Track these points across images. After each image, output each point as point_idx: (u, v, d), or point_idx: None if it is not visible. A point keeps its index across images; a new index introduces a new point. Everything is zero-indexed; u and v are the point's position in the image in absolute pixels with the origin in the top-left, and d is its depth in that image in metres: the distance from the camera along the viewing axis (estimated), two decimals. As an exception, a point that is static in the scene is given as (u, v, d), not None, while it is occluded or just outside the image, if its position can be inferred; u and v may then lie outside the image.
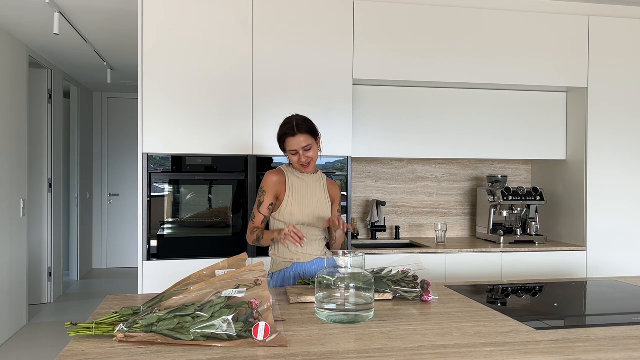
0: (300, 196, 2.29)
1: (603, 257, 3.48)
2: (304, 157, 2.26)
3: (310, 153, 2.26)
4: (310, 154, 2.26)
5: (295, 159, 2.27)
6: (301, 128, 2.23)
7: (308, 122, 2.27)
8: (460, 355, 1.35)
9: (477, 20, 3.36)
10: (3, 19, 3.83)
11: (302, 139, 2.23)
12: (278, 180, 2.29)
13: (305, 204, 2.28)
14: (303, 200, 2.29)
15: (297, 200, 2.28)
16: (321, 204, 2.32)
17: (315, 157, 2.31)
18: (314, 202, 2.31)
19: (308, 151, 2.25)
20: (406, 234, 3.85)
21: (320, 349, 1.38)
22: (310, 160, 2.28)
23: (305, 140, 2.23)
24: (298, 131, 2.22)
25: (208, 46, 3.01)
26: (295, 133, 2.22)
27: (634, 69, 3.53)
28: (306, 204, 2.29)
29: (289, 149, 2.25)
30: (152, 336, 1.41)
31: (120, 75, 5.83)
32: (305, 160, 2.26)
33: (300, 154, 2.25)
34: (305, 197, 2.30)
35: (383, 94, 3.43)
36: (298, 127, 2.23)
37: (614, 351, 1.40)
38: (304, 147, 2.24)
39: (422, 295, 1.91)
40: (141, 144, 2.95)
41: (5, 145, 4.12)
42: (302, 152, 2.25)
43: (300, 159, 2.26)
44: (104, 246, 7.09)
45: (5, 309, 4.11)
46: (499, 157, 3.60)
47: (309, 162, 2.28)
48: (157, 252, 2.96)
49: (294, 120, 2.25)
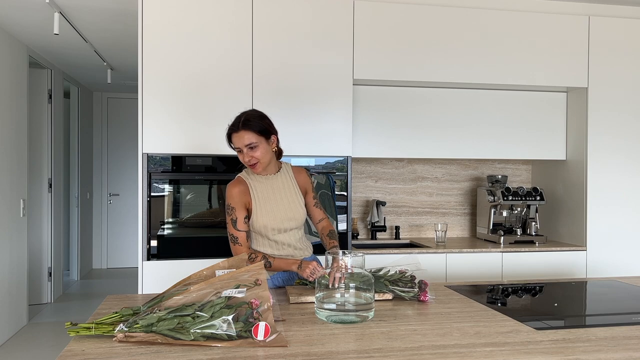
0: (269, 204, 2.13)
1: (603, 257, 3.48)
2: (247, 157, 2.06)
3: (257, 153, 2.06)
4: (257, 154, 2.06)
5: (240, 157, 2.10)
6: (247, 124, 2.04)
7: (258, 119, 2.07)
8: (460, 355, 1.35)
9: (477, 20, 3.36)
10: (3, 19, 3.83)
11: (246, 137, 2.03)
12: (241, 190, 2.11)
13: (277, 210, 2.13)
14: (273, 208, 2.13)
15: (266, 210, 2.12)
16: (293, 203, 2.17)
17: (264, 158, 2.09)
18: (285, 204, 2.15)
19: (253, 150, 2.05)
20: (406, 234, 3.85)
21: (320, 349, 1.39)
22: (257, 161, 2.07)
23: (249, 138, 2.03)
24: (242, 127, 2.04)
25: (208, 46, 3.01)
26: (239, 129, 2.04)
27: (634, 69, 3.53)
28: (277, 210, 2.13)
29: (233, 146, 2.09)
30: (152, 336, 1.41)
31: (120, 75, 5.83)
32: (248, 160, 2.07)
33: (244, 152, 2.06)
34: (274, 203, 2.14)
35: (383, 94, 3.43)
36: (244, 123, 2.04)
37: (614, 351, 1.40)
38: (248, 144, 2.04)
39: (420, 295, 1.91)
40: (141, 144, 2.95)
41: (5, 145, 4.12)
42: (245, 151, 2.06)
43: (244, 158, 2.08)
44: (104, 246, 7.09)
45: (5, 309, 4.11)
46: (499, 157, 3.60)
47: (255, 163, 2.08)
48: (157, 252, 2.96)
49: (243, 116, 2.07)
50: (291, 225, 2.17)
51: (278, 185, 2.18)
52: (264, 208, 2.12)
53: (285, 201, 2.16)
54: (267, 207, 2.12)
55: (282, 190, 2.18)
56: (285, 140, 3.10)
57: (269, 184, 2.16)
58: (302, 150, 3.12)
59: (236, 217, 2.10)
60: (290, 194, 2.19)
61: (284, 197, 2.17)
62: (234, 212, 2.10)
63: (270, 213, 2.12)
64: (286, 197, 2.17)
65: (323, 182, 3.11)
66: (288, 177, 2.22)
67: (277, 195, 2.16)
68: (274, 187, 2.17)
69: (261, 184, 2.15)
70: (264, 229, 2.13)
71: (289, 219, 2.15)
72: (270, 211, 2.12)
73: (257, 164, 2.08)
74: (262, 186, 2.15)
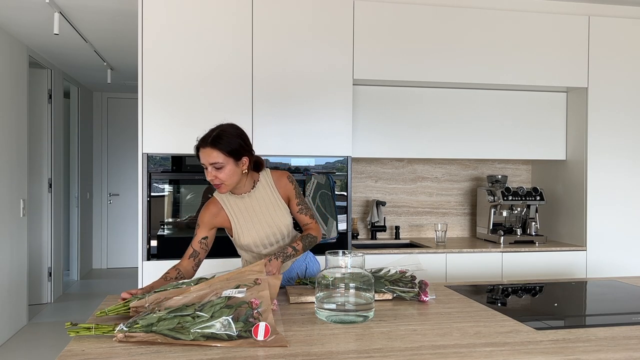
0: (249, 223, 2.02)
1: (603, 257, 3.48)
2: (211, 175, 1.89)
3: (221, 174, 1.88)
4: (221, 175, 1.88)
5: (205, 174, 1.91)
6: (216, 142, 1.86)
7: (231, 137, 1.89)
8: (460, 355, 1.35)
9: (477, 20, 3.36)
10: (3, 19, 3.83)
11: (212, 155, 1.86)
12: (212, 213, 2.01)
13: (259, 228, 2.03)
14: (254, 226, 2.02)
15: (247, 229, 2.02)
16: (275, 217, 2.05)
17: (230, 180, 1.91)
18: (267, 220, 2.04)
19: (218, 171, 1.88)
20: (406, 234, 3.85)
21: (320, 349, 1.38)
22: (221, 182, 1.90)
23: (215, 157, 1.86)
24: (211, 144, 1.86)
25: (208, 46, 3.01)
26: (206, 145, 1.87)
27: (634, 69, 3.53)
28: (260, 228, 2.03)
29: (201, 161, 1.91)
30: (152, 336, 1.41)
31: (120, 75, 5.83)
32: (211, 179, 1.89)
33: (208, 170, 1.89)
34: (255, 221, 2.03)
35: (383, 94, 3.43)
36: (214, 140, 1.86)
37: (614, 351, 1.40)
38: (212, 163, 1.87)
39: (420, 295, 1.91)
40: (141, 144, 2.95)
41: (5, 145, 4.12)
42: (210, 169, 1.88)
43: (208, 176, 1.89)
44: (104, 246, 7.09)
45: (5, 309, 4.11)
46: (499, 157, 3.60)
47: (219, 184, 1.91)
48: (157, 252, 2.96)
49: (215, 130, 1.90)
50: (277, 238, 2.08)
51: (256, 202, 2.04)
52: (245, 228, 2.03)
53: (267, 216, 2.05)
54: (247, 227, 2.03)
55: (261, 206, 2.05)
56: (285, 140, 3.11)
57: (245, 204, 2.04)
58: (302, 150, 3.12)
59: (195, 234, 2.03)
60: (272, 207, 2.06)
61: (264, 212, 2.04)
62: (197, 228, 2.03)
63: (252, 231, 2.04)
64: (267, 212, 2.05)
65: (323, 182, 3.11)
66: (268, 189, 2.07)
67: (257, 212, 2.04)
68: (252, 205, 2.04)
69: (237, 204, 2.03)
70: (247, 247, 2.07)
71: (273, 233, 2.06)
72: (252, 229, 2.03)
73: (222, 185, 1.92)
74: (239, 207, 2.03)
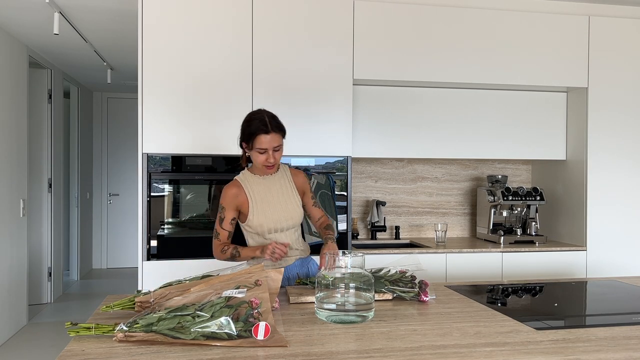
0: (265, 203, 2.16)
1: (603, 257, 3.48)
2: (272, 158, 2.10)
3: (279, 154, 2.13)
4: (277, 156, 2.12)
5: (262, 158, 2.10)
6: (274, 126, 2.08)
7: (279, 120, 2.13)
8: (460, 355, 1.35)
9: (477, 20, 3.36)
10: (3, 19, 3.83)
11: (275, 138, 2.08)
12: (235, 193, 2.15)
13: (272, 210, 2.16)
14: (269, 207, 2.16)
15: (262, 209, 2.15)
16: (289, 203, 2.20)
17: (280, 159, 2.17)
18: (282, 204, 2.18)
19: (277, 152, 2.11)
20: (406, 234, 3.85)
21: (320, 349, 1.38)
22: (277, 162, 2.14)
23: (277, 140, 2.09)
24: (274, 129, 2.07)
25: (208, 46, 3.01)
26: (269, 131, 2.06)
27: (634, 69, 3.53)
28: (273, 210, 2.16)
29: (259, 147, 2.08)
30: (152, 336, 1.41)
31: (120, 75, 5.83)
32: (272, 161, 2.10)
33: (270, 154, 2.09)
34: (270, 203, 2.17)
35: (383, 94, 3.43)
36: (272, 124, 2.07)
37: (614, 351, 1.40)
38: (275, 147, 2.09)
39: (420, 295, 1.91)
40: (141, 144, 2.95)
41: (5, 145, 4.12)
42: (271, 152, 2.09)
43: (269, 159, 2.10)
44: (104, 246, 7.09)
45: (5, 309, 4.11)
46: (499, 157, 3.60)
47: (273, 164, 2.13)
48: (157, 252, 2.96)
49: (265, 117, 2.09)
50: (287, 225, 2.19)
51: (275, 185, 2.21)
52: (260, 208, 2.16)
53: (281, 201, 2.19)
54: (262, 207, 2.16)
55: (278, 190, 2.21)
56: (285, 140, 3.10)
57: (266, 185, 2.20)
58: (302, 150, 3.12)
59: (224, 216, 2.15)
60: (287, 195, 2.22)
61: (280, 197, 2.20)
62: (223, 211, 2.16)
63: (266, 212, 2.16)
64: (282, 197, 2.20)
65: (323, 182, 3.11)
66: (285, 179, 2.25)
67: (273, 195, 2.19)
68: (270, 188, 2.20)
69: (258, 185, 2.19)
70: (259, 228, 2.16)
71: (285, 218, 2.18)
72: (266, 210, 2.16)
73: (274, 166, 2.14)
74: (259, 187, 2.19)
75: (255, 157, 2.12)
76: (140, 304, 1.60)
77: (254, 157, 2.14)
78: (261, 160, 2.11)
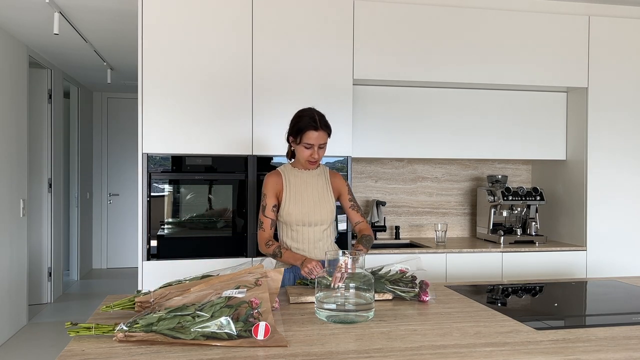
0: (298, 195, 2.26)
1: (603, 257, 3.48)
2: (316, 154, 2.22)
3: (322, 152, 2.24)
4: (322, 153, 2.25)
5: (307, 153, 2.22)
6: (323, 124, 2.20)
7: (327, 120, 2.24)
8: (460, 355, 1.35)
9: (477, 20, 3.36)
10: (3, 19, 3.83)
11: (322, 136, 2.20)
12: (275, 180, 2.27)
13: (304, 203, 2.25)
14: (301, 199, 2.25)
15: (295, 200, 2.25)
16: (323, 200, 2.29)
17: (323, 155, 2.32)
18: (314, 199, 2.27)
19: (322, 149, 2.23)
20: (406, 234, 3.85)
21: (320, 349, 1.38)
22: (319, 159, 2.26)
23: (323, 138, 2.21)
24: (323, 128, 2.19)
25: (208, 46, 3.01)
26: (319, 128, 2.18)
27: (634, 69, 3.53)
28: (305, 203, 2.25)
29: (307, 141, 2.19)
30: (152, 336, 1.41)
31: (120, 75, 5.83)
32: (317, 157, 2.22)
33: (315, 149, 2.21)
34: (303, 196, 2.26)
35: (383, 94, 3.43)
36: (321, 122, 2.20)
37: (614, 351, 1.40)
38: (321, 144, 2.21)
39: (420, 295, 1.91)
40: (141, 144, 2.95)
41: (5, 145, 4.12)
42: (316, 149, 2.21)
43: (313, 155, 2.21)
44: (104, 246, 7.09)
45: (5, 309, 4.11)
46: (499, 157, 3.60)
47: (316, 161, 2.24)
48: (157, 252, 2.96)
49: (315, 115, 2.21)
50: (315, 221, 2.26)
51: (312, 180, 2.31)
52: (293, 198, 2.25)
53: (314, 196, 2.28)
54: (295, 198, 2.25)
55: (314, 185, 2.30)
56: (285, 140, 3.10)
57: (304, 178, 2.30)
58: (302, 150, 3.12)
59: (266, 204, 2.25)
60: (322, 192, 2.31)
61: (314, 191, 2.29)
62: (265, 198, 2.26)
63: (297, 203, 2.25)
64: (317, 192, 2.29)
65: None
66: (323, 177, 2.34)
67: (308, 189, 2.29)
68: (307, 182, 2.30)
69: (296, 177, 2.29)
70: (288, 217, 2.24)
71: (314, 213, 2.26)
72: (298, 202, 2.25)
73: (317, 162, 2.25)
74: (297, 179, 2.29)
75: (301, 151, 2.23)
76: (140, 304, 1.60)
77: (299, 151, 2.24)
78: (306, 155, 2.22)
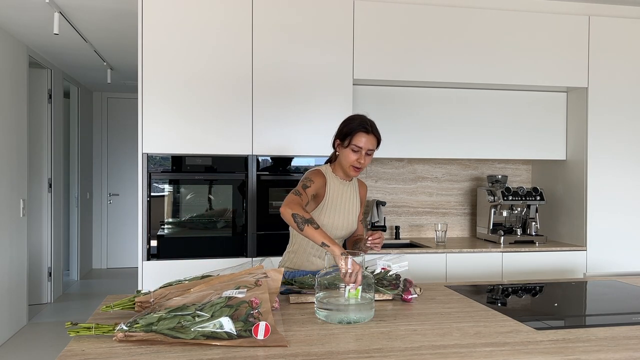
0: (335, 206, 2.19)
1: (603, 257, 3.48)
2: (363, 159, 2.13)
3: (369, 159, 2.16)
4: (368, 160, 2.16)
5: (353, 157, 2.13)
6: (374, 130, 2.14)
7: (377, 128, 2.17)
8: (460, 355, 1.35)
9: (477, 20, 3.36)
10: (3, 19, 3.83)
11: (371, 141, 2.12)
12: (323, 181, 2.17)
13: (338, 216, 2.19)
14: (336, 212, 2.19)
15: (330, 211, 2.18)
16: (351, 214, 2.24)
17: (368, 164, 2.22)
18: (346, 213, 2.22)
19: (368, 156, 2.15)
20: (406, 234, 3.85)
21: (320, 349, 1.38)
22: (363, 167, 2.16)
23: (372, 143, 2.13)
24: (372, 131, 2.13)
25: (208, 46, 3.01)
26: (370, 132, 2.12)
27: (634, 69, 3.53)
28: (338, 216, 2.19)
29: (357, 144, 2.10)
30: (152, 335, 1.41)
31: (120, 75, 5.83)
32: (363, 162, 2.13)
33: (362, 154, 2.12)
34: (340, 206, 2.20)
35: (383, 94, 3.43)
36: (372, 127, 2.14)
37: (614, 351, 1.40)
38: (369, 149, 2.13)
39: (403, 294, 1.91)
40: (141, 144, 2.95)
41: (5, 145, 4.12)
42: (363, 154, 2.13)
43: (360, 159, 2.13)
44: (104, 246, 7.09)
45: (5, 309, 4.11)
46: (499, 157, 3.60)
47: (360, 168, 2.15)
48: (157, 252, 2.96)
49: (367, 119, 2.15)
50: (342, 234, 2.23)
51: (347, 192, 2.25)
52: (331, 207, 2.18)
53: (347, 207, 2.23)
54: (333, 208, 2.19)
55: (348, 199, 2.24)
56: (285, 140, 3.11)
57: (342, 189, 2.23)
58: (302, 150, 3.12)
59: (309, 185, 2.10)
60: (352, 204, 2.26)
61: (347, 203, 2.23)
62: (310, 182, 2.11)
63: (334, 214, 2.18)
64: (349, 204, 2.24)
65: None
66: (354, 188, 2.29)
67: (344, 200, 2.23)
68: (344, 193, 2.23)
69: (335, 185, 2.22)
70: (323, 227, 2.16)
71: (342, 227, 2.21)
72: (335, 212, 2.19)
73: (360, 169, 2.17)
74: (336, 188, 2.22)
75: (347, 155, 2.14)
76: (140, 304, 1.60)
77: (344, 155, 2.15)
78: (352, 159, 2.13)
